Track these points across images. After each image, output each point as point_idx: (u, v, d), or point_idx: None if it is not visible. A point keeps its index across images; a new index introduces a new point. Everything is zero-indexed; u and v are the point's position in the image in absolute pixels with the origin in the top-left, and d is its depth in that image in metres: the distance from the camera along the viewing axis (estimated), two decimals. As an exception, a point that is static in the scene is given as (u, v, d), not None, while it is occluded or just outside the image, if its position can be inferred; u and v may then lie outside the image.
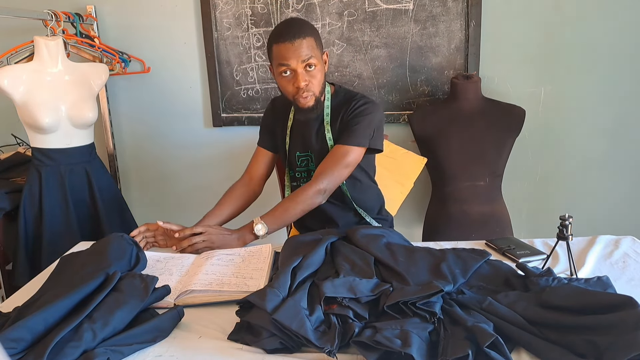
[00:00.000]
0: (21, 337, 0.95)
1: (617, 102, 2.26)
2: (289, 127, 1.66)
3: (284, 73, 1.48)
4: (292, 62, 1.45)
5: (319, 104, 1.55)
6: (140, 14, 2.37)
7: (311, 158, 1.65)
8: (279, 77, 1.51)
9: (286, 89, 1.51)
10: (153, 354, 1.00)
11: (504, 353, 0.90)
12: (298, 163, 1.67)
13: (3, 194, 1.97)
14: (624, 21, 2.17)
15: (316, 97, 1.52)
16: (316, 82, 1.50)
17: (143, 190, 2.61)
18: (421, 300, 1.03)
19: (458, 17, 2.21)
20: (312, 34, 1.49)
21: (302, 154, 1.66)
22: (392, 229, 1.59)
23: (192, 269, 1.33)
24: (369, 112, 1.57)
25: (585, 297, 1.02)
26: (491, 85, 2.27)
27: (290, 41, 1.44)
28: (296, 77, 1.47)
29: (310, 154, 1.65)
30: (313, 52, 1.47)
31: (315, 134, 1.61)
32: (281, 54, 1.46)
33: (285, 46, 1.44)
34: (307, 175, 1.67)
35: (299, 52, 1.44)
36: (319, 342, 0.96)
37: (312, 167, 1.66)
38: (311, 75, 1.48)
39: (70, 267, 1.27)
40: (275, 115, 1.72)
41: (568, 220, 1.25)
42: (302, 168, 1.68)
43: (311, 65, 1.47)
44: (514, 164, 2.26)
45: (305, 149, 1.65)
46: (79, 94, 1.97)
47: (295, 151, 1.66)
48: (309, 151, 1.64)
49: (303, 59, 1.45)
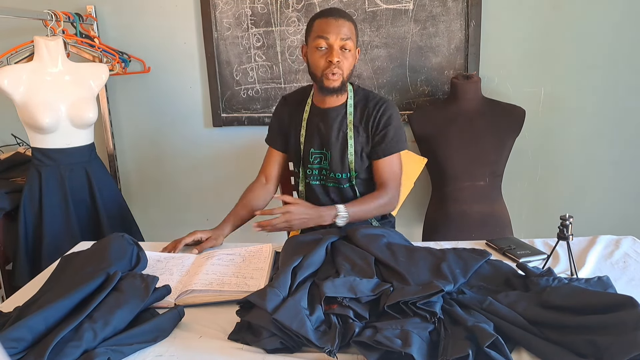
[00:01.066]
0: (22, 336, 0.95)
1: (617, 102, 2.26)
2: (304, 123, 1.65)
3: (319, 47, 1.50)
4: (332, 36, 1.48)
5: (343, 89, 1.58)
6: (140, 14, 2.37)
7: (325, 156, 1.64)
8: (312, 52, 1.53)
9: (317, 63, 1.52)
10: (153, 354, 1.00)
11: (504, 353, 0.90)
12: (311, 160, 1.66)
13: (3, 194, 1.97)
14: (623, 21, 2.17)
15: (343, 80, 1.54)
16: (347, 64, 1.52)
17: (143, 190, 2.61)
18: (421, 300, 1.03)
19: (458, 17, 2.21)
20: (354, 24, 1.55)
21: (317, 151, 1.64)
22: (393, 229, 1.60)
23: (192, 269, 1.33)
24: (396, 114, 1.62)
25: (585, 297, 1.02)
26: (491, 85, 2.27)
27: (335, 18, 1.49)
28: (331, 52, 1.49)
29: (325, 152, 1.63)
30: (352, 37, 1.51)
31: (336, 132, 1.61)
32: (322, 27, 1.50)
33: (328, 21, 1.49)
34: (319, 174, 1.66)
35: (339, 30, 1.48)
36: (320, 342, 0.96)
37: (325, 165, 1.64)
38: (344, 57, 1.51)
39: (71, 267, 1.27)
40: (289, 111, 1.71)
41: (568, 220, 1.25)
42: (315, 166, 1.66)
43: (347, 47, 1.50)
44: (514, 164, 2.26)
45: (321, 146, 1.63)
46: (79, 94, 1.97)
47: (309, 148, 1.65)
48: (325, 149, 1.63)
49: (342, 37, 1.49)
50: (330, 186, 1.66)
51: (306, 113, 1.66)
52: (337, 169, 1.63)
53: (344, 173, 1.63)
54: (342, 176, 1.64)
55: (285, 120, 1.71)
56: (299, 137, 1.67)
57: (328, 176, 1.65)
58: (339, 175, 1.64)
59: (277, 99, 2.36)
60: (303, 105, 1.68)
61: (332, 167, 1.63)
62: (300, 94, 1.72)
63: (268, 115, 2.39)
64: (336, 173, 1.63)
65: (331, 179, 1.65)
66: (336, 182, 1.65)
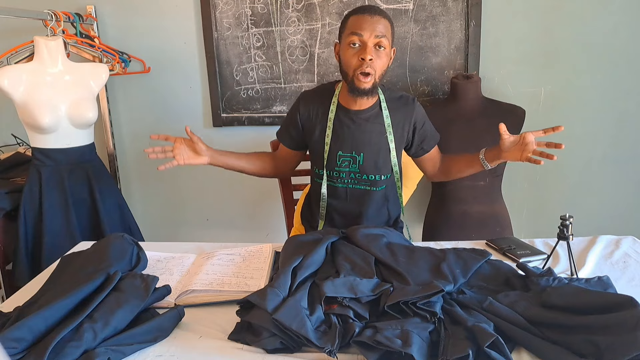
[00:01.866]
0: (22, 336, 0.95)
1: (617, 102, 2.26)
2: (330, 124, 1.58)
3: (352, 44, 1.45)
4: (366, 33, 1.42)
5: (375, 90, 1.52)
6: (140, 14, 2.37)
7: (355, 159, 1.58)
8: (345, 49, 1.47)
9: (349, 62, 1.46)
10: (154, 354, 1.00)
11: (505, 353, 0.90)
12: (338, 163, 1.60)
13: (3, 194, 1.97)
14: (623, 21, 2.17)
15: (375, 82, 1.47)
16: (380, 63, 1.46)
17: (143, 190, 2.61)
18: (422, 300, 1.03)
19: (458, 17, 2.21)
20: (391, 22, 1.49)
21: (346, 154, 1.58)
22: (392, 229, 1.59)
23: (192, 269, 1.33)
24: (423, 112, 1.64)
25: (585, 297, 1.02)
26: (491, 85, 2.27)
27: (371, 14, 1.44)
28: (364, 49, 1.43)
29: (355, 155, 1.58)
30: (387, 35, 1.46)
31: (369, 134, 1.57)
32: (357, 23, 1.44)
33: (363, 17, 1.44)
34: (347, 176, 1.60)
35: (375, 27, 1.43)
36: (320, 342, 0.96)
37: (354, 168, 1.59)
38: (378, 55, 1.45)
39: (71, 267, 1.27)
40: (311, 109, 1.62)
41: (568, 220, 1.25)
42: (343, 169, 1.60)
43: (381, 45, 1.44)
44: (514, 164, 2.24)
45: (351, 149, 1.58)
46: (79, 94, 1.97)
47: (337, 150, 1.58)
48: (354, 152, 1.57)
49: (377, 34, 1.43)
50: (359, 189, 1.61)
51: (332, 113, 1.58)
52: (370, 171, 1.59)
53: (382, 175, 1.60)
54: (377, 178, 1.60)
55: (303, 118, 1.63)
56: (324, 137, 1.59)
57: (359, 179, 1.60)
58: (372, 177, 1.59)
59: (277, 99, 2.37)
60: (328, 104, 1.59)
61: (365, 169, 1.58)
62: (322, 92, 1.64)
63: (268, 115, 2.39)
64: (369, 175, 1.60)
65: (363, 181, 1.60)
66: (369, 184, 1.61)
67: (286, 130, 1.69)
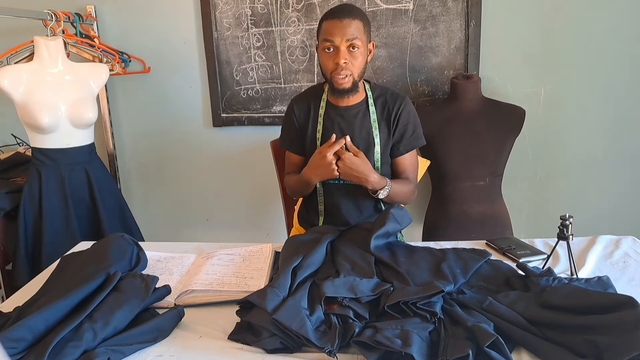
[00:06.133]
0: (22, 336, 0.95)
1: (617, 102, 2.26)
2: (320, 119, 1.63)
3: (327, 49, 1.50)
4: (337, 39, 1.47)
5: (356, 88, 1.56)
6: (140, 14, 2.37)
7: None
8: (321, 54, 1.53)
9: (326, 65, 1.53)
10: (153, 354, 1.00)
11: (505, 353, 0.90)
12: None
13: (3, 194, 1.97)
14: (623, 21, 2.17)
15: (354, 80, 1.53)
16: (356, 63, 1.51)
17: (143, 190, 2.61)
18: (422, 301, 1.03)
19: (458, 17, 2.21)
20: (362, 18, 1.52)
21: None
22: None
23: (192, 269, 1.33)
24: (414, 110, 1.64)
25: (585, 297, 1.02)
26: (491, 85, 2.27)
27: (339, 19, 1.47)
28: (337, 54, 1.48)
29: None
30: (359, 34, 1.49)
31: (358, 130, 1.60)
32: (328, 29, 1.49)
33: (333, 23, 1.48)
34: None
35: (344, 31, 1.47)
36: (320, 342, 0.96)
37: None
38: (353, 56, 1.50)
39: (71, 267, 1.27)
40: (302, 110, 1.67)
41: (568, 220, 1.25)
42: None
43: (354, 46, 1.48)
44: (514, 164, 2.26)
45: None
46: (79, 94, 1.97)
47: None
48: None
49: (348, 38, 1.47)
50: (351, 184, 1.61)
51: (322, 109, 1.64)
52: None
53: None
54: None
55: (299, 119, 1.68)
56: (316, 133, 1.64)
57: None
58: None
59: (277, 99, 2.36)
60: (318, 102, 1.65)
61: None
62: (310, 93, 1.70)
63: (268, 115, 2.39)
64: None
65: None
66: None
67: (289, 137, 1.72)
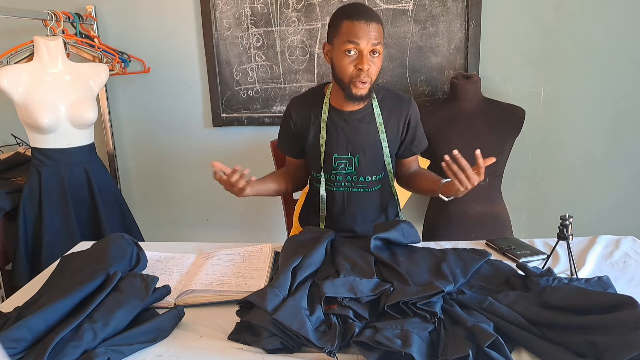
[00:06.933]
0: (22, 337, 0.95)
1: (617, 102, 2.26)
2: (324, 125, 1.56)
3: (348, 52, 1.41)
4: (363, 42, 1.39)
5: (371, 94, 1.51)
6: (140, 14, 2.37)
7: (351, 161, 1.56)
8: (340, 55, 1.43)
9: (345, 70, 1.43)
10: (153, 354, 1.00)
11: (505, 353, 0.90)
12: (335, 166, 1.57)
13: (3, 194, 1.97)
14: (623, 21, 2.17)
15: (370, 87, 1.47)
16: (375, 70, 1.45)
17: (143, 190, 2.61)
18: (422, 301, 1.03)
19: (458, 17, 2.21)
20: (382, 23, 1.46)
21: (342, 156, 1.56)
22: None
23: (192, 269, 1.33)
24: (418, 113, 1.63)
25: (585, 297, 1.02)
26: (491, 85, 2.27)
27: (367, 21, 1.40)
28: (361, 59, 1.40)
29: (352, 157, 1.55)
30: (381, 39, 1.43)
31: (365, 134, 1.55)
32: (354, 31, 1.40)
33: (360, 25, 1.39)
34: (344, 179, 1.57)
35: (371, 34, 1.40)
36: (320, 342, 0.96)
37: (350, 170, 1.56)
38: (373, 62, 1.43)
39: (71, 267, 1.27)
40: (303, 113, 1.60)
41: (568, 220, 1.25)
42: (340, 172, 1.57)
43: (376, 52, 1.42)
44: (514, 164, 2.26)
45: (347, 151, 1.55)
46: (79, 94, 1.97)
47: (332, 153, 1.56)
48: (350, 154, 1.55)
49: (373, 42, 1.40)
50: (355, 192, 1.59)
51: (325, 114, 1.56)
52: (367, 172, 1.56)
53: (376, 175, 1.58)
54: (372, 179, 1.58)
55: (297, 124, 1.61)
56: (319, 138, 1.57)
57: (356, 181, 1.58)
58: (368, 179, 1.57)
59: (277, 99, 2.36)
60: (319, 107, 1.57)
61: (361, 171, 1.56)
62: (310, 96, 1.62)
63: (268, 116, 2.39)
64: (365, 176, 1.57)
65: (360, 183, 1.57)
66: (365, 186, 1.58)
67: (285, 140, 1.67)
